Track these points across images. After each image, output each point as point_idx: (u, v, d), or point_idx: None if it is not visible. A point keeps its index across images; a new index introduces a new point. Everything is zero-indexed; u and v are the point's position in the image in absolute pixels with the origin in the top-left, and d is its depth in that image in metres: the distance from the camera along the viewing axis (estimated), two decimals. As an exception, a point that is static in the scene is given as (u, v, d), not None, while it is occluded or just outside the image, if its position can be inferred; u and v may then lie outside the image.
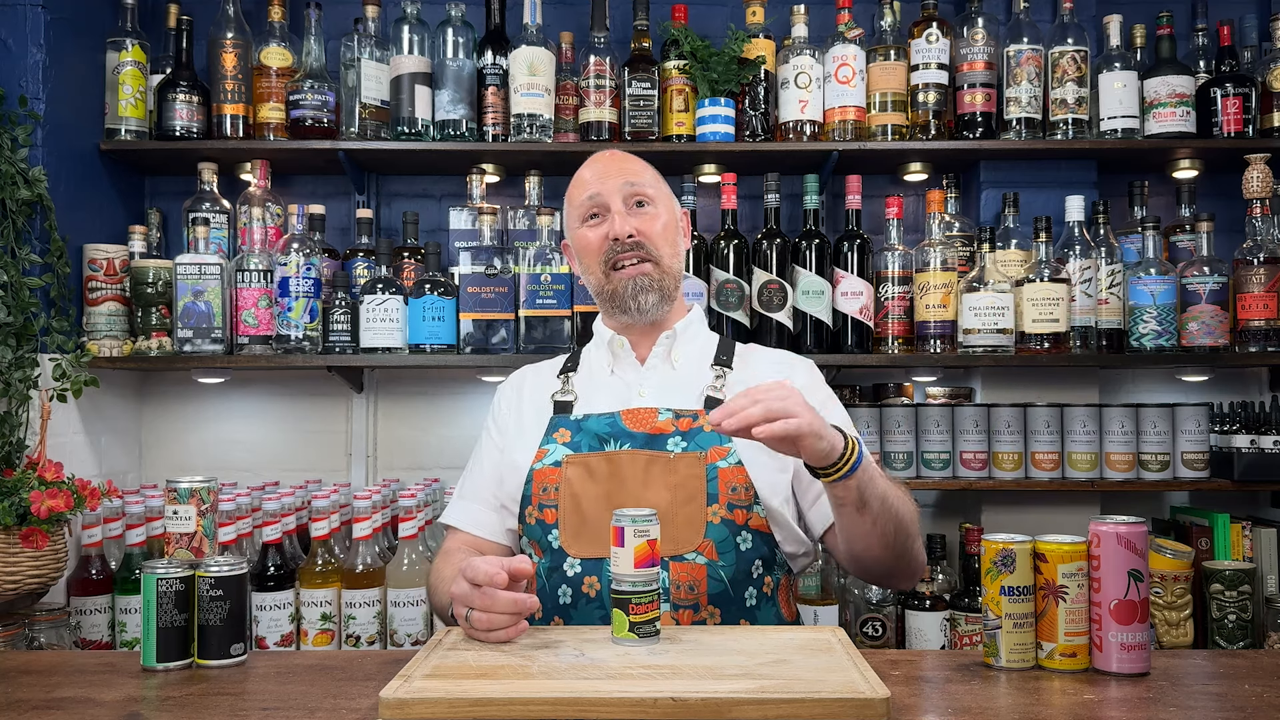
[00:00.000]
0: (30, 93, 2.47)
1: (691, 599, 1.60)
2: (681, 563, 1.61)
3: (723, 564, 1.62)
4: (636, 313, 1.77)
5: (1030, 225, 2.70)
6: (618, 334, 1.82)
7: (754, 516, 1.65)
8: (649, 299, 1.77)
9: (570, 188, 1.86)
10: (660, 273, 1.78)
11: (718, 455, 1.66)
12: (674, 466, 1.65)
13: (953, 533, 2.90)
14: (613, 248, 1.76)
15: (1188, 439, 2.71)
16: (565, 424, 1.75)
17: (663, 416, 1.70)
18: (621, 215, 1.76)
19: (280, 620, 2.39)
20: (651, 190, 1.81)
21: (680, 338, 1.82)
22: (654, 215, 1.79)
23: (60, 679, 1.43)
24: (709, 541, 1.62)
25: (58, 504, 2.11)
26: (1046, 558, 1.39)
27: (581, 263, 1.84)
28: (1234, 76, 2.78)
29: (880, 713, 1.15)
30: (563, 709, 1.17)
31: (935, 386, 3.00)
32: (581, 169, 1.86)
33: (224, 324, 2.60)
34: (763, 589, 1.67)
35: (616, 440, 1.69)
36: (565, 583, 1.64)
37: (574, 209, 1.83)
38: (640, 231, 1.76)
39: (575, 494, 1.67)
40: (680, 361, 1.81)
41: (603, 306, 1.84)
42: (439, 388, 3.06)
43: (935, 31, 2.76)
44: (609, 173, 1.81)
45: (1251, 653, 1.92)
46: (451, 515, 1.85)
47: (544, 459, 1.72)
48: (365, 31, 2.76)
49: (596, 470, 1.67)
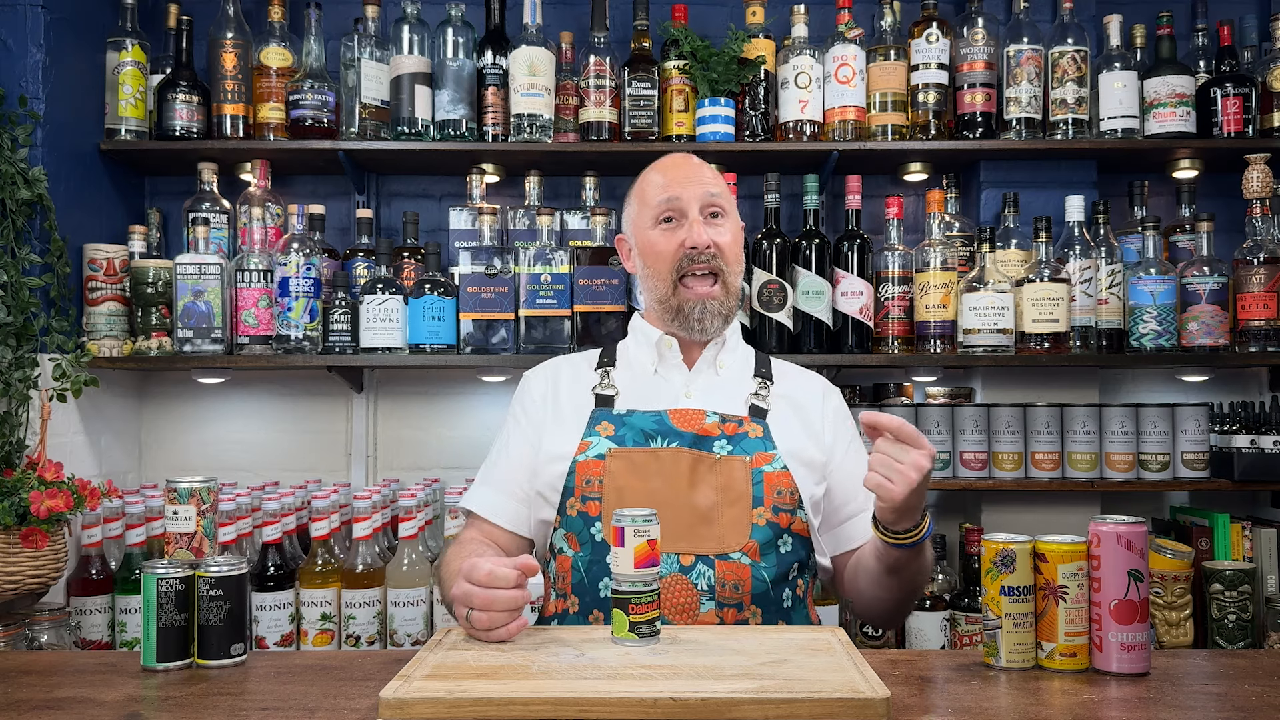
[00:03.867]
0: (30, 93, 2.47)
1: (736, 598, 1.62)
2: (727, 562, 1.62)
3: (765, 565, 1.64)
4: (699, 333, 1.77)
5: (1030, 225, 2.70)
6: (666, 334, 1.81)
7: (796, 520, 1.68)
8: (714, 323, 1.77)
9: (642, 186, 1.83)
10: (727, 295, 1.77)
11: (763, 460, 1.68)
12: (720, 468, 1.66)
13: (953, 533, 2.90)
14: (688, 256, 1.75)
15: (1188, 439, 2.71)
16: (608, 418, 1.73)
17: (710, 419, 1.71)
18: (699, 224, 1.75)
19: (280, 620, 2.39)
20: (725, 203, 1.80)
21: (727, 345, 1.83)
22: (727, 228, 1.79)
23: (60, 679, 1.43)
24: (754, 542, 1.63)
25: (58, 504, 2.11)
26: (1046, 558, 1.39)
27: (646, 265, 1.80)
28: (1234, 76, 2.78)
29: (880, 713, 1.15)
30: (563, 709, 1.16)
31: (935, 386, 3.00)
32: (655, 169, 1.84)
33: (224, 324, 2.60)
34: (797, 591, 1.69)
35: (663, 438, 1.69)
36: (607, 575, 1.62)
37: (646, 209, 1.80)
38: (716, 244, 1.75)
39: (619, 487, 1.66)
40: (725, 368, 1.82)
41: (662, 315, 1.80)
42: (439, 388, 3.06)
43: (935, 31, 2.76)
44: (689, 179, 1.79)
45: (1251, 653, 1.91)
46: (473, 501, 1.80)
47: (587, 451, 1.70)
48: (365, 31, 2.76)
49: (642, 465, 1.67)
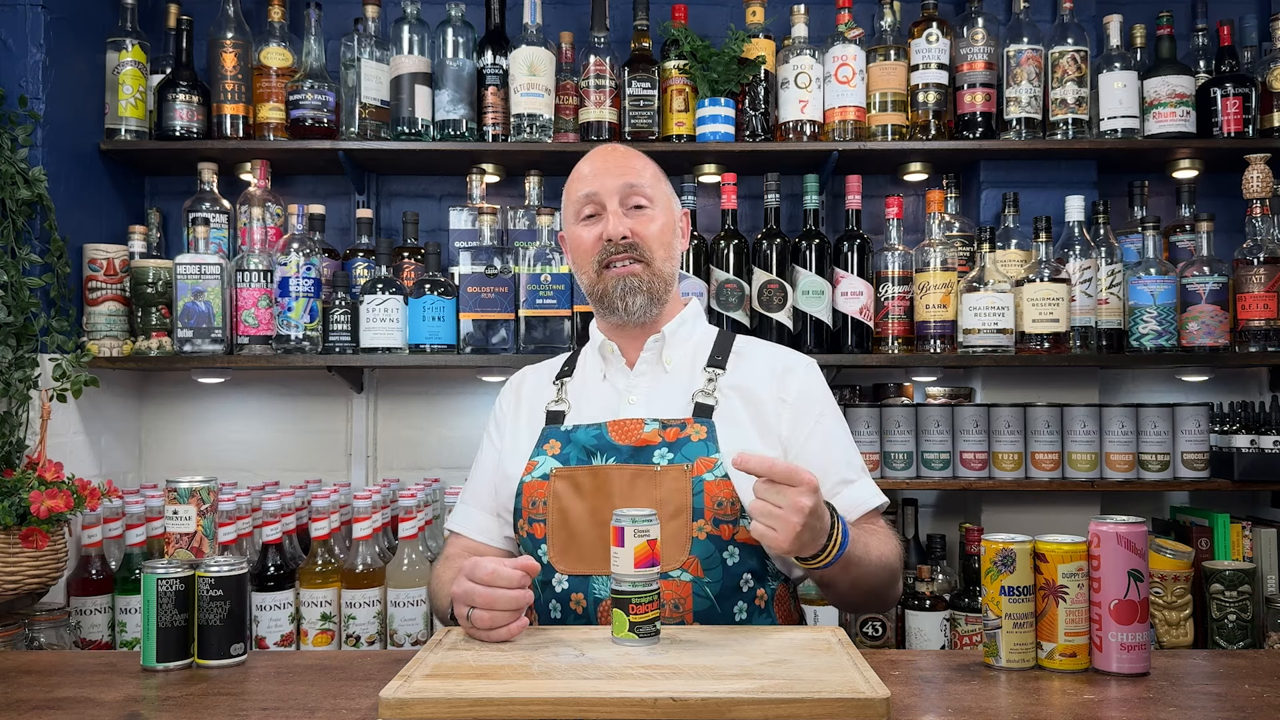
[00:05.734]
0: (30, 93, 2.47)
1: (677, 616, 1.58)
2: (666, 580, 1.58)
3: (708, 580, 1.60)
4: (624, 314, 1.74)
5: (1030, 225, 2.70)
6: (608, 338, 1.79)
7: (740, 530, 1.61)
8: (637, 300, 1.73)
9: (569, 181, 1.81)
10: (650, 275, 1.73)
11: (704, 467, 1.62)
12: (659, 480, 1.62)
13: (953, 533, 2.90)
14: (606, 248, 1.73)
15: (1188, 439, 2.71)
16: (556, 435, 1.73)
17: (649, 427, 1.67)
18: (617, 215, 1.72)
19: (280, 620, 2.39)
20: (650, 190, 1.76)
21: (671, 340, 1.78)
22: (650, 217, 1.75)
23: (60, 679, 1.43)
24: (694, 558, 1.59)
25: (58, 504, 2.11)
26: (1046, 558, 1.39)
27: (574, 260, 1.80)
28: (1234, 76, 2.78)
29: (880, 713, 1.15)
30: (563, 709, 1.16)
31: (935, 386, 3.00)
32: (581, 163, 1.81)
33: (224, 324, 2.60)
34: (754, 601, 1.65)
35: (603, 454, 1.66)
36: (554, 598, 1.63)
37: (570, 204, 1.79)
38: (635, 233, 1.72)
39: (563, 509, 1.65)
40: (672, 364, 1.78)
41: (594, 306, 1.81)
42: (439, 388, 3.06)
43: (935, 31, 2.76)
44: (609, 170, 1.76)
45: (1251, 653, 1.92)
46: (455, 521, 1.86)
47: (533, 471, 1.70)
48: (365, 31, 2.76)
49: (583, 485, 1.65)
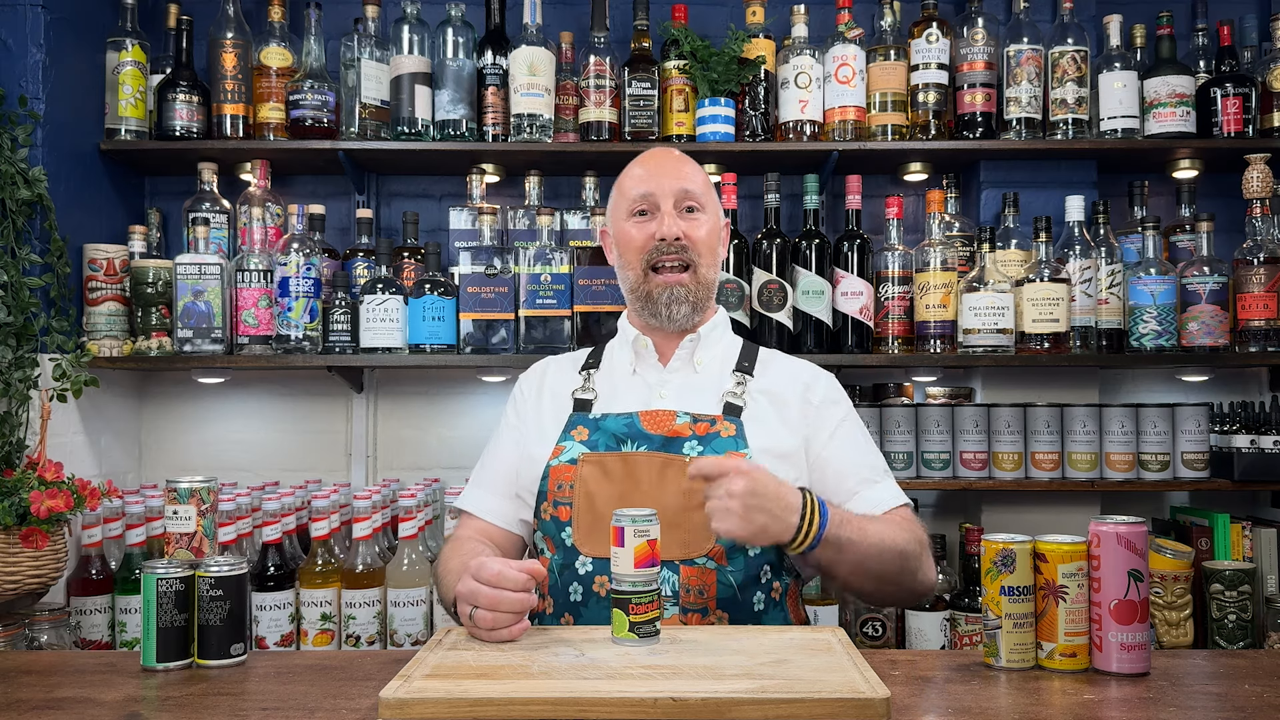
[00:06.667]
0: (30, 93, 2.47)
1: (700, 603, 1.61)
2: (692, 566, 1.62)
3: (731, 569, 1.63)
4: (667, 320, 1.78)
5: (1030, 225, 2.70)
6: (642, 334, 1.83)
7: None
8: (682, 309, 1.78)
9: (621, 178, 1.85)
10: (696, 283, 1.78)
11: None
12: (688, 470, 1.65)
13: (953, 533, 2.90)
14: (657, 247, 1.77)
15: (1188, 439, 2.70)
16: (584, 422, 1.76)
17: (680, 420, 1.71)
18: (671, 216, 1.77)
19: (280, 620, 2.39)
20: (703, 197, 1.81)
21: (704, 341, 1.83)
22: (701, 222, 1.80)
23: (60, 679, 1.43)
24: (719, 547, 1.63)
25: (58, 504, 2.11)
26: (1046, 558, 1.39)
27: (621, 256, 1.83)
28: (1234, 76, 2.78)
29: (880, 713, 1.15)
30: (563, 709, 1.17)
31: (935, 386, 3.00)
32: (635, 163, 1.86)
33: (224, 324, 2.60)
34: (771, 594, 1.68)
35: (633, 441, 1.70)
36: (576, 580, 1.65)
37: (623, 200, 1.83)
38: (687, 235, 1.77)
39: (590, 493, 1.67)
40: (703, 365, 1.82)
41: (633, 304, 1.84)
42: (439, 388, 3.06)
43: (935, 31, 2.76)
44: (664, 172, 1.81)
45: (1251, 653, 1.92)
46: (466, 501, 1.86)
47: (560, 455, 1.72)
48: (365, 31, 2.76)
49: (612, 470, 1.68)
